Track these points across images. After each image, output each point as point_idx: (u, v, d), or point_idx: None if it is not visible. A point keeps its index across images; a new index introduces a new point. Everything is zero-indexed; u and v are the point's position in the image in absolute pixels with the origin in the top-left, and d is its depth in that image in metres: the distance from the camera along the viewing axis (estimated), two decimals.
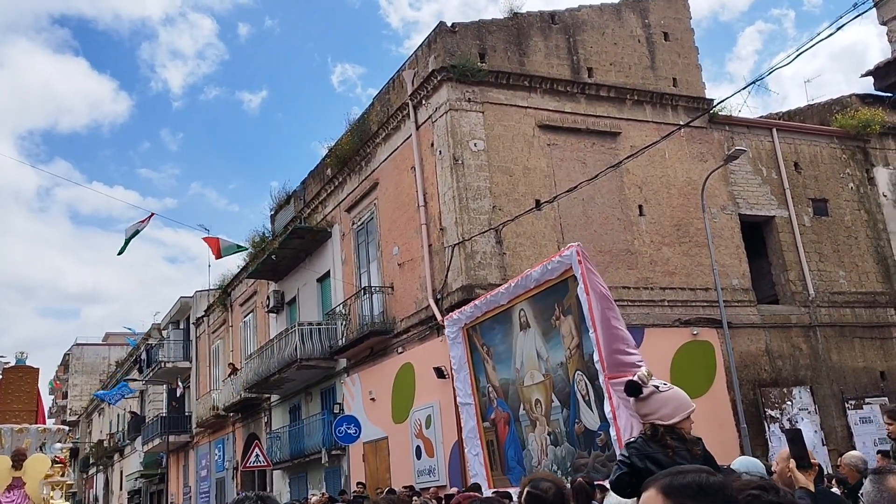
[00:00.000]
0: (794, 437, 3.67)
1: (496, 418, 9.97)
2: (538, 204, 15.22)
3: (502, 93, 16.02)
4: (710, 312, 16.02)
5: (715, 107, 17.32)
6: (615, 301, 15.45)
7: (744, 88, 19.17)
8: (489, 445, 10.08)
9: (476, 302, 10.38)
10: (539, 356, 8.98)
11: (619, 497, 4.04)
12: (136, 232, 14.50)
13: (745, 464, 4.17)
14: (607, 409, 7.29)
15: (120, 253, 14.59)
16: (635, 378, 4.19)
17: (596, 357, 7.43)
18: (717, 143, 17.80)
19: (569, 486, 5.13)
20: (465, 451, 10.64)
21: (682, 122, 16.55)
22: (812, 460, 3.60)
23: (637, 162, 15.73)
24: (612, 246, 15.94)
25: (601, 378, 7.40)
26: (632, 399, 4.21)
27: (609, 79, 17.09)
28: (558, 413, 8.72)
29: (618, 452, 7.08)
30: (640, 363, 7.42)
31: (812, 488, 3.37)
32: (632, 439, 4.17)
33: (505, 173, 15.54)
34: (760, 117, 20.35)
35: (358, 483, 16.59)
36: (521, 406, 9.39)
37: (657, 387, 4.16)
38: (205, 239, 14.53)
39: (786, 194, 18.14)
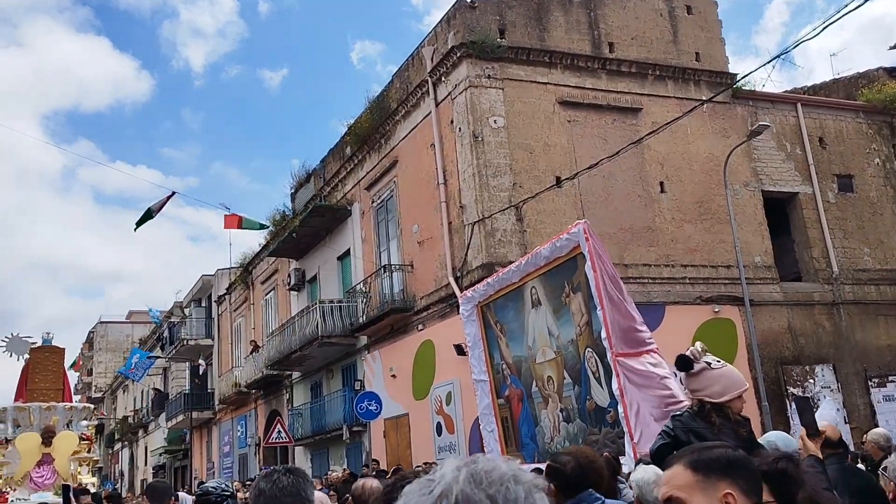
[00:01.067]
0: (803, 406, 3.67)
1: (510, 395, 10.01)
2: (559, 181, 15.14)
3: (522, 69, 15.88)
4: (731, 290, 15.91)
5: (738, 81, 17.06)
6: (636, 278, 15.47)
7: (768, 63, 18.88)
8: (504, 422, 10.13)
9: (489, 279, 10.39)
10: (550, 333, 8.98)
11: (645, 472, 4.03)
12: (155, 210, 14.55)
13: (776, 437, 4.16)
14: (615, 386, 7.29)
15: (136, 228, 14.59)
16: (687, 353, 4.15)
17: (604, 334, 7.41)
18: (740, 119, 17.57)
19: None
20: (481, 427, 10.71)
21: (704, 98, 16.33)
22: (821, 429, 3.59)
23: (659, 138, 15.55)
24: (633, 223, 15.84)
25: (608, 355, 7.39)
26: (682, 374, 4.15)
27: (630, 54, 16.88)
28: (570, 390, 8.74)
29: (625, 429, 7.09)
30: (649, 340, 7.38)
31: (820, 455, 3.38)
32: (678, 412, 4.13)
33: (525, 150, 15.45)
34: (785, 92, 20.05)
35: (373, 460, 16.75)
36: (534, 383, 9.42)
37: (709, 363, 4.09)
38: (225, 216, 14.57)
39: (810, 170, 17.89)
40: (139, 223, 14.39)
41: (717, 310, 15.78)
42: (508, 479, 0.95)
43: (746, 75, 17.97)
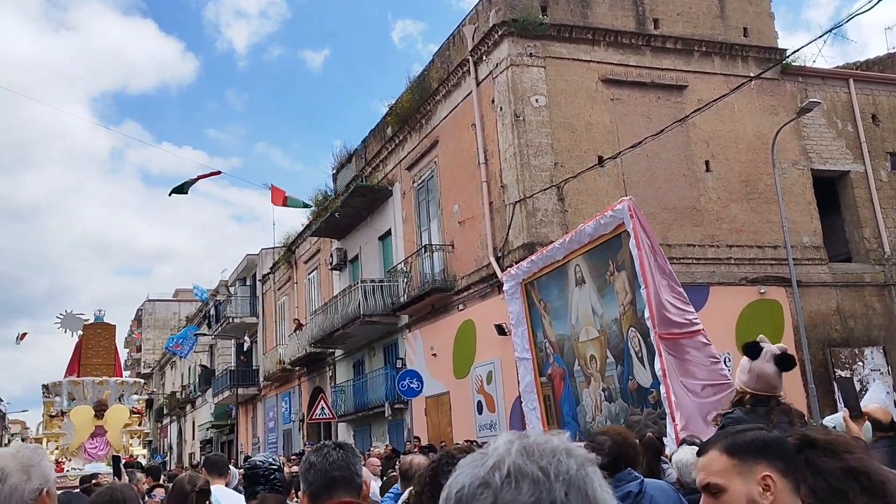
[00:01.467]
0: (846, 388, 3.59)
1: (552, 374, 9.98)
2: (601, 160, 14.98)
3: (565, 46, 15.70)
4: (778, 271, 15.61)
5: (788, 57, 16.61)
6: (680, 259, 15.26)
7: (820, 37, 18.29)
8: (546, 400, 10.11)
9: (533, 257, 10.34)
10: (594, 312, 8.92)
11: (686, 454, 4.01)
12: (195, 180, 14.68)
13: (836, 419, 4.09)
14: (657, 366, 7.22)
15: (171, 193, 14.72)
16: (758, 339, 4.03)
17: (647, 314, 7.33)
18: (789, 96, 17.13)
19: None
20: (523, 405, 10.71)
21: (752, 74, 15.95)
22: (870, 412, 3.51)
23: (704, 116, 15.25)
24: (678, 203, 15.62)
25: (652, 335, 7.31)
26: (744, 359, 4.04)
27: (676, 30, 16.55)
28: (613, 369, 8.69)
29: (667, 410, 7.01)
30: (695, 321, 7.27)
31: (863, 437, 3.31)
32: (729, 410, 3.95)
33: (567, 129, 15.30)
34: (837, 67, 19.45)
35: (414, 437, 16.94)
36: (577, 362, 9.39)
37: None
38: (272, 187, 14.62)
39: (862, 148, 17.39)
40: (176, 190, 14.51)
41: (762, 291, 15.52)
42: (561, 452, 0.95)
43: (796, 50, 17.51)
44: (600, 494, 0.95)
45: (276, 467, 4.58)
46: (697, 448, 4.66)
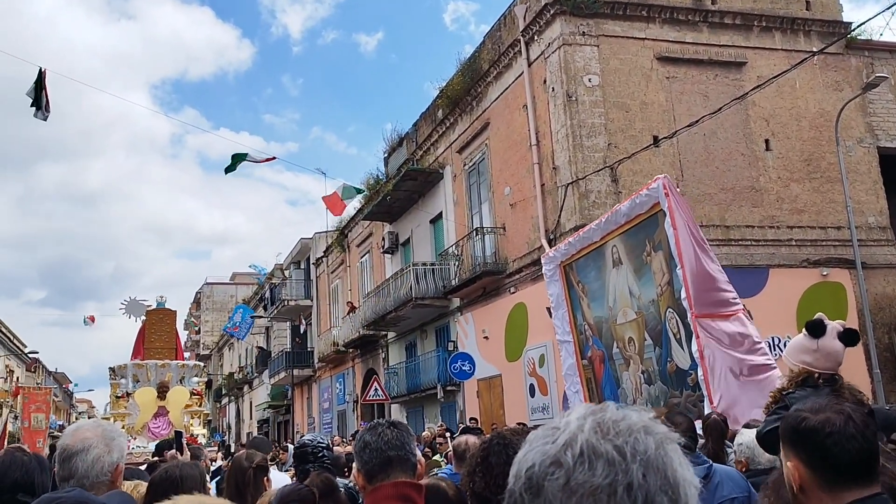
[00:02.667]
0: None
1: (592, 356, 9.88)
2: (656, 140, 14.67)
3: (618, 24, 15.38)
4: (842, 252, 15.12)
5: (853, 30, 15.97)
6: (738, 240, 14.92)
7: (887, 9, 17.48)
8: (588, 383, 10.01)
9: (570, 239, 10.20)
10: (632, 293, 8.76)
11: (752, 436, 3.91)
12: (244, 157, 14.85)
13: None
14: (694, 348, 7.05)
15: (227, 171, 14.96)
16: (818, 317, 3.91)
17: (683, 294, 7.15)
18: (854, 71, 16.48)
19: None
20: (565, 387, 10.63)
21: (815, 49, 15.38)
22: None
23: (764, 93, 14.79)
24: (736, 183, 15.23)
25: (688, 316, 7.14)
26: (802, 339, 3.90)
27: (734, 4, 16.05)
28: (651, 351, 8.54)
29: (704, 392, 6.83)
30: (734, 301, 7.04)
31: None
32: (791, 390, 3.83)
33: (621, 109, 15.03)
34: None
35: (471, 419, 17.01)
36: (615, 344, 9.25)
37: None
38: (324, 199, 14.79)
39: None
40: (231, 168, 14.73)
41: (825, 273, 15.06)
42: (638, 429, 0.89)
43: (862, 24, 16.74)
44: (681, 474, 0.88)
45: (324, 446, 4.74)
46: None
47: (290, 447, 6.12)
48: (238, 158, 14.61)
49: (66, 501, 1.98)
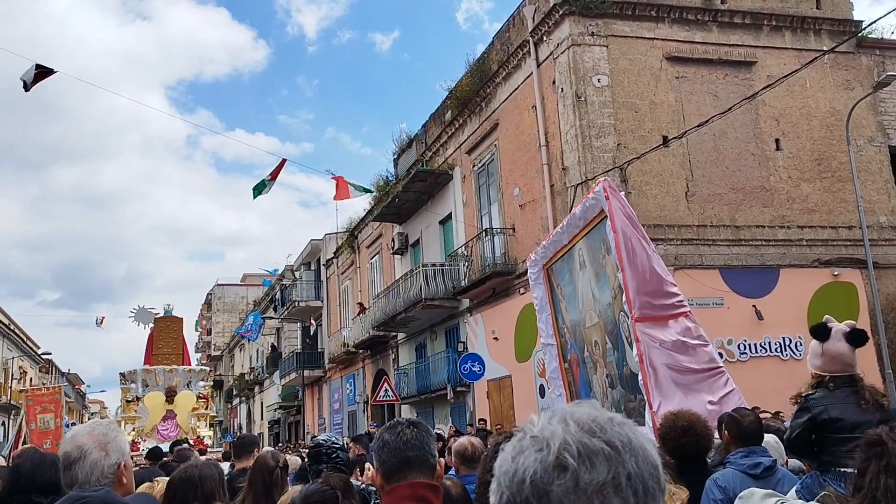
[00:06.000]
0: None
1: (571, 359, 9.88)
2: (665, 140, 14.65)
3: (627, 24, 15.36)
4: (853, 252, 15.04)
5: (864, 29, 15.88)
6: (748, 241, 14.87)
7: None
8: (570, 386, 10.00)
9: (545, 241, 10.18)
10: (594, 297, 8.71)
11: (768, 440, 3.96)
12: (270, 178, 15.07)
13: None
14: (634, 352, 6.97)
15: (255, 196, 15.23)
16: (824, 320, 3.94)
17: (624, 298, 7.09)
18: (865, 69, 16.39)
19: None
20: (549, 391, 10.63)
21: (825, 48, 15.32)
22: None
23: (774, 93, 14.74)
24: (746, 183, 15.18)
25: (629, 320, 7.07)
26: (814, 343, 3.93)
27: (744, 4, 15.99)
28: (611, 355, 8.50)
29: (644, 398, 6.72)
30: (679, 303, 6.93)
31: None
32: (811, 392, 3.87)
33: (630, 109, 15.01)
34: None
35: (480, 419, 17.03)
36: (586, 347, 9.24)
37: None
38: (336, 180, 14.88)
39: None
40: (257, 192, 14.93)
41: (836, 273, 14.98)
42: (614, 423, 0.94)
43: (873, 22, 16.73)
44: (652, 452, 0.94)
45: (338, 446, 4.71)
46: (778, 433, 4.54)
47: (295, 458, 6.07)
48: (259, 188, 14.77)
49: (93, 500, 2.01)
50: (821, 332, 3.87)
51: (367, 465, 5.07)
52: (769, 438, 4.13)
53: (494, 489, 0.96)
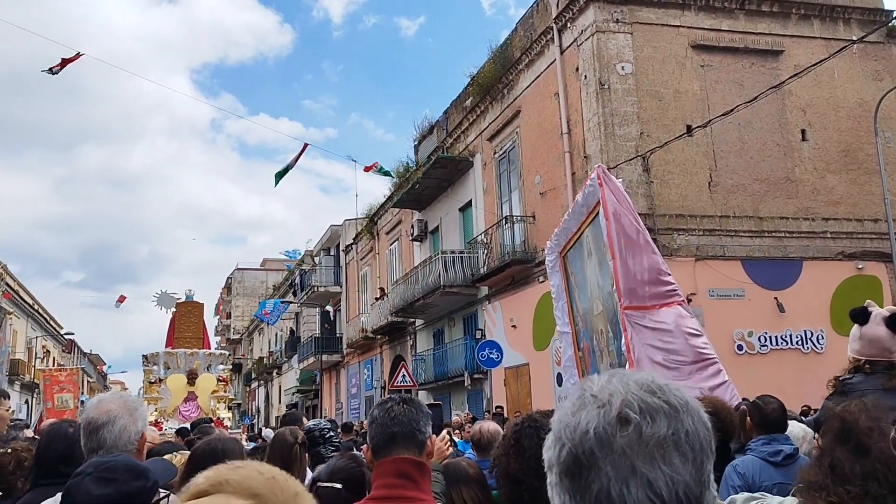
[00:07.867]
0: None
1: (584, 348, 9.87)
2: (689, 129, 14.51)
3: (653, 11, 15.20)
4: (878, 245, 14.85)
5: (895, 18, 15.60)
6: (771, 232, 14.71)
7: None
8: (583, 374, 9.99)
9: (557, 229, 10.15)
10: (599, 285, 8.69)
11: (796, 428, 3.94)
12: (292, 163, 15.16)
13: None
14: (622, 341, 6.93)
15: (276, 183, 15.36)
16: (865, 304, 3.88)
17: (614, 286, 7.05)
18: (894, 60, 16.11)
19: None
20: (564, 379, 10.61)
21: (854, 38, 15.06)
22: None
23: (801, 83, 14.54)
24: (770, 174, 15.01)
25: (618, 308, 7.02)
26: (854, 327, 3.87)
27: None
28: (613, 344, 8.48)
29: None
30: (672, 292, 6.86)
31: None
32: (848, 376, 3.78)
33: (654, 97, 14.87)
34: None
35: (497, 406, 17.06)
36: (594, 336, 9.22)
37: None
38: (366, 169, 14.92)
39: None
40: (278, 178, 15.03)
41: (860, 266, 14.80)
42: (672, 387, 0.99)
43: None
44: (706, 416, 1.00)
45: (328, 428, 4.97)
46: (807, 421, 4.50)
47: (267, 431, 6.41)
48: (281, 174, 14.88)
49: (117, 464, 2.05)
50: (860, 315, 3.81)
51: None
52: (796, 428, 4.09)
53: (551, 444, 0.99)
